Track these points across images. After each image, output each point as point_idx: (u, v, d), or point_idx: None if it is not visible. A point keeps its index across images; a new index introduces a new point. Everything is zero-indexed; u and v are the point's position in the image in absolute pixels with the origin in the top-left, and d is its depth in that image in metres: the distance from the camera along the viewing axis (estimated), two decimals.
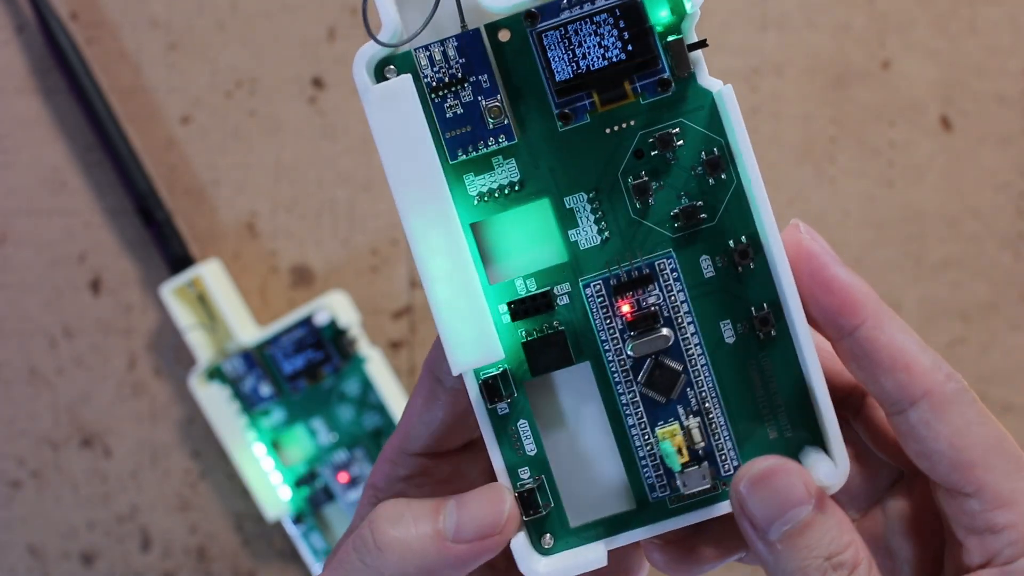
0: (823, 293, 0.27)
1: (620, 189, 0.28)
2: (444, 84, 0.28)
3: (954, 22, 0.51)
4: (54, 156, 0.53)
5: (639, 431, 0.28)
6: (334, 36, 0.52)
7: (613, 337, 0.28)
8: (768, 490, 0.26)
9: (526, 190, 0.28)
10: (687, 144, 0.28)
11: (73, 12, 0.52)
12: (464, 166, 0.28)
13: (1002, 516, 0.27)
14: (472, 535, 0.27)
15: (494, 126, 0.28)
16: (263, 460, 0.51)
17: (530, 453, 0.29)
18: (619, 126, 0.28)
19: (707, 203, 0.28)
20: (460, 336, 0.27)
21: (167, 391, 0.52)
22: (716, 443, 0.28)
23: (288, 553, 0.53)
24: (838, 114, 0.51)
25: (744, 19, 0.51)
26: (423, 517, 0.27)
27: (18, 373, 0.53)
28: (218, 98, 0.52)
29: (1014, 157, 0.51)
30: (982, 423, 0.27)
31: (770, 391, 0.28)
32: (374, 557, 0.27)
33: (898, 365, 0.27)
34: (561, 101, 0.28)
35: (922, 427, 0.27)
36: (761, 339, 0.28)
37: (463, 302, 0.27)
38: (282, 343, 0.50)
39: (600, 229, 0.28)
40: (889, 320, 0.27)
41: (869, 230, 0.51)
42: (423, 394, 0.30)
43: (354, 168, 0.52)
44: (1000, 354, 0.51)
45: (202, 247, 0.52)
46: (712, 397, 0.28)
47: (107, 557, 0.53)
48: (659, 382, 0.28)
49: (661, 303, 0.28)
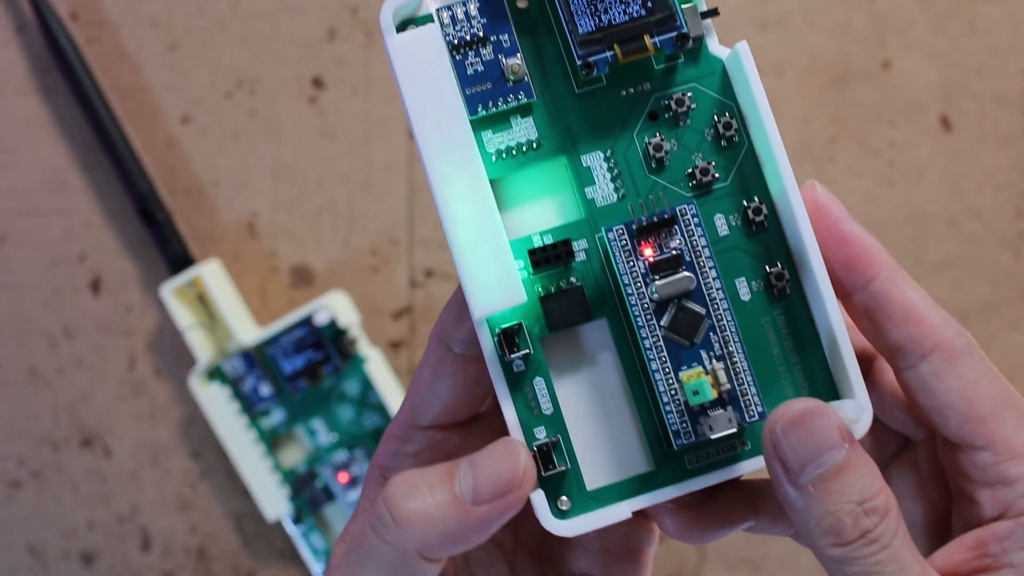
0: (838, 246, 0.28)
1: (635, 148, 0.29)
2: (465, 43, 0.28)
3: (954, 22, 0.51)
4: (54, 156, 0.53)
5: (663, 376, 0.28)
6: (334, 36, 0.52)
7: (635, 280, 0.28)
8: (804, 431, 0.26)
9: (543, 148, 0.29)
10: (700, 108, 0.29)
11: (73, 12, 0.52)
12: (483, 122, 0.29)
13: (1015, 467, 0.27)
14: (491, 494, 0.26)
15: (514, 83, 0.28)
16: (263, 460, 0.51)
17: (546, 412, 0.28)
18: (635, 88, 0.29)
19: (720, 164, 0.29)
20: (483, 279, 0.27)
21: (167, 391, 0.52)
22: (740, 389, 0.28)
23: (288, 553, 0.53)
24: (838, 114, 0.51)
25: (744, 19, 0.51)
26: (438, 484, 0.27)
27: (18, 373, 0.53)
28: (218, 98, 0.52)
29: (1014, 157, 0.51)
30: (992, 378, 0.27)
31: (785, 348, 0.29)
32: (395, 533, 0.26)
33: (911, 318, 0.27)
34: (583, 52, 0.28)
35: (934, 380, 0.27)
36: (776, 295, 0.29)
37: (486, 245, 0.27)
38: (282, 343, 0.50)
39: (616, 188, 0.29)
40: (901, 275, 0.28)
41: (869, 230, 0.51)
42: (431, 364, 0.29)
43: (354, 168, 0.52)
44: (1000, 354, 0.51)
45: (202, 247, 0.52)
46: (736, 342, 0.28)
47: (107, 557, 0.53)
48: (683, 326, 0.28)
49: (683, 247, 0.28)
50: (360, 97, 0.52)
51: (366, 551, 0.27)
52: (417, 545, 0.26)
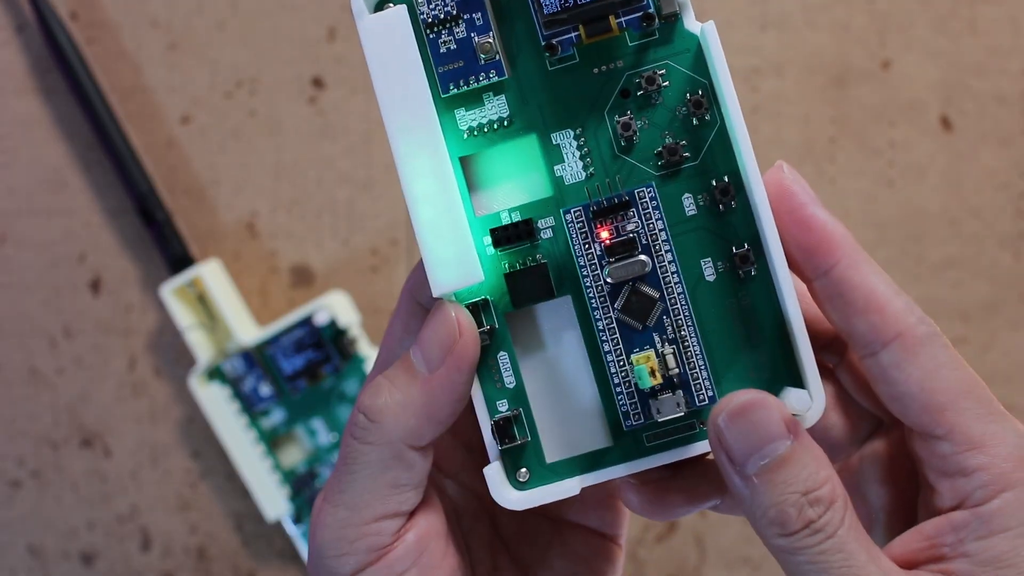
0: (800, 231, 0.28)
1: (606, 127, 0.29)
2: (439, 20, 0.28)
3: (954, 22, 0.51)
4: (54, 156, 0.53)
5: (615, 358, 0.28)
6: (334, 36, 0.52)
7: (591, 263, 0.28)
8: (746, 423, 0.26)
9: (514, 126, 0.29)
10: (672, 85, 0.29)
11: (73, 12, 0.52)
12: (455, 100, 0.29)
13: (972, 458, 0.27)
14: (440, 354, 0.28)
15: (486, 61, 0.28)
16: (263, 460, 0.51)
17: (509, 385, 0.29)
18: (607, 66, 0.29)
19: (690, 143, 0.29)
20: (442, 257, 0.27)
21: (167, 391, 0.52)
22: (691, 373, 0.28)
23: (288, 553, 0.53)
24: (838, 114, 0.51)
25: (744, 19, 0.51)
26: (397, 374, 0.28)
27: (18, 373, 0.53)
28: (218, 98, 0.52)
29: (1014, 157, 0.51)
30: (953, 367, 0.27)
31: (750, 329, 0.29)
32: (374, 431, 0.28)
33: (871, 307, 0.27)
34: (548, 33, 0.28)
35: (893, 369, 0.27)
36: (741, 277, 0.29)
37: (446, 224, 0.27)
38: (282, 343, 0.50)
39: (585, 165, 0.29)
40: (864, 262, 0.28)
41: (869, 230, 0.51)
42: (402, 318, 0.30)
43: (354, 168, 0.52)
44: (1000, 354, 0.51)
45: (202, 247, 0.52)
46: (688, 326, 0.28)
47: (107, 557, 0.53)
48: (635, 309, 0.28)
49: (640, 230, 0.28)
50: (360, 97, 0.52)
51: (353, 459, 0.28)
52: (400, 433, 0.27)
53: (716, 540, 0.52)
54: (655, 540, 0.52)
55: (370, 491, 0.28)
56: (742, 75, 0.51)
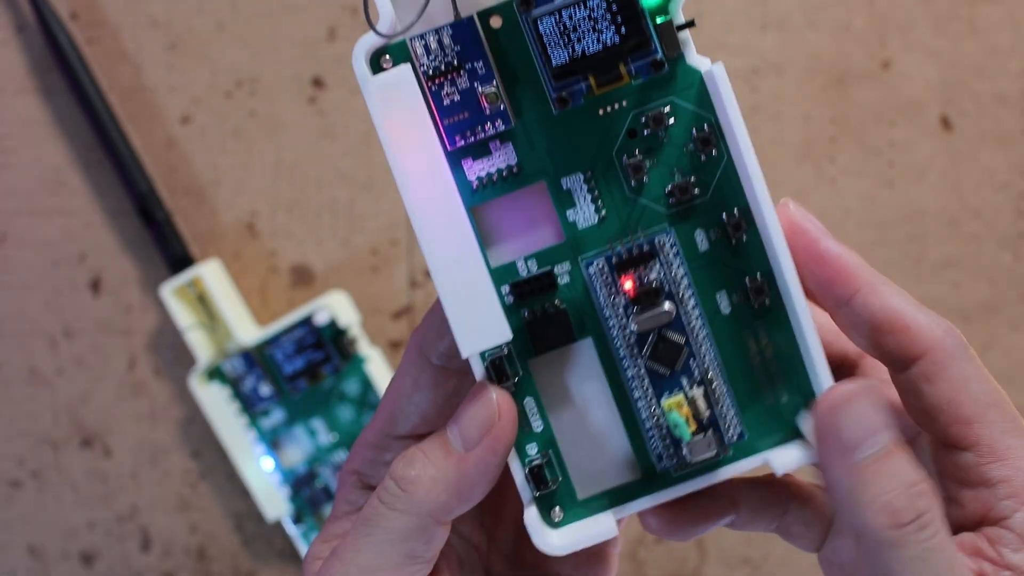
0: (817, 265, 0.28)
1: (615, 168, 0.29)
2: (440, 72, 0.28)
3: (954, 22, 0.51)
4: (54, 156, 0.53)
5: (645, 403, 0.29)
6: (334, 36, 0.52)
7: (617, 313, 0.28)
8: (859, 408, 0.26)
9: (524, 173, 0.29)
10: (678, 122, 0.28)
11: (73, 12, 0.52)
12: (463, 152, 0.28)
13: (996, 470, 0.27)
14: (478, 435, 0.28)
15: (491, 112, 0.28)
16: (263, 460, 0.51)
17: (537, 430, 0.29)
18: (612, 107, 0.28)
19: (699, 179, 0.28)
20: (468, 320, 0.27)
21: (167, 391, 0.52)
22: (719, 411, 0.28)
23: (288, 553, 0.53)
24: (838, 114, 0.51)
25: (744, 19, 0.51)
26: (433, 448, 0.28)
27: (18, 373, 0.53)
28: (218, 98, 0.52)
29: (1014, 157, 0.51)
30: (980, 380, 0.28)
31: (766, 358, 0.29)
32: (403, 500, 0.28)
33: (897, 326, 0.28)
34: (558, 85, 0.28)
35: (923, 383, 0.28)
36: (756, 308, 0.29)
37: (470, 287, 0.27)
38: (282, 343, 0.50)
39: (597, 208, 0.29)
40: (883, 285, 0.28)
41: (869, 230, 0.51)
42: (410, 374, 0.30)
43: (354, 168, 0.52)
44: (1000, 354, 0.51)
45: (202, 247, 0.52)
46: (714, 367, 0.28)
47: (107, 557, 0.53)
48: (663, 355, 0.28)
49: (662, 278, 0.28)
50: (360, 97, 0.52)
51: (376, 522, 0.28)
52: (428, 506, 0.28)
53: (716, 540, 0.52)
54: (655, 540, 0.52)
55: (386, 557, 0.28)
56: (742, 75, 0.51)
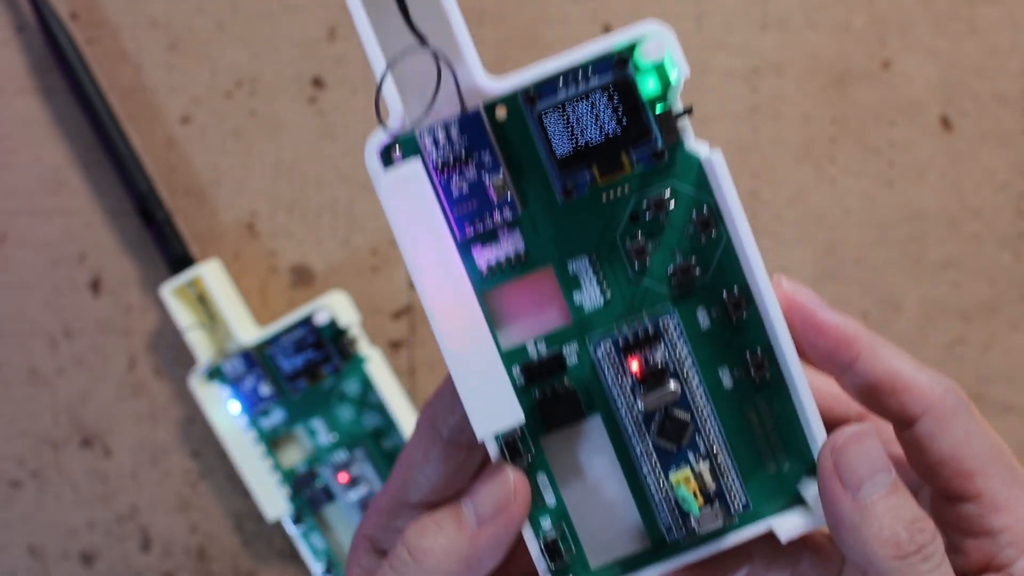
0: (817, 336, 0.30)
1: (619, 252, 0.30)
2: (449, 163, 0.29)
3: (954, 22, 0.51)
4: (54, 156, 0.53)
5: (654, 478, 0.30)
6: (334, 36, 0.52)
7: (625, 394, 0.30)
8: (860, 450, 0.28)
9: (531, 258, 0.30)
10: (678, 205, 0.30)
11: (73, 12, 0.52)
12: (472, 239, 0.30)
13: (999, 520, 0.28)
14: (492, 513, 0.29)
15: (498, 201, 0.29)
16: (263, 460, 0.51)
17: (550, 504, 0.30)
18: (614, 193, 0.30)
19: (700, 259, 0.30)
20: (482, 404, 0.28)
21: (167, 391, 0.52)
22: (725, 483, 0.30)
23: (288, 553, 0.53)
24: (838, 114, 0.51)
25: (744, 19, 0.51)
26: (446, 520, 0.29)
27: (18, 373, 0.53)
28: (218, 98, 0.52)
29: (1014, 157, 0.51)
30: (981, 434, 0.29)
31: (767, 429, 0.30)
32: (416, 569, 0.29)
33: (899, 387, 0.29)
34: (563, 176, 0.29)
35: (927, 440, 0.29)
36: (757, 382, 0.30)
37: (483, 372, 0.28)
38: (282, 343, 0.50)
39: (602, 290, 0.30)
40: (882, 348, 0.30)
41: (869, 230, 0.51)
42: (421, 447, 0.31)
43: (354, 168, 0.52)
44: (1000, 354, 0.51)
45: (202, 247, 0.52)
46: (719, 442, 0.30)
47: (107, 557, 0.53)
48: (670, 432, 0.30)
49: (667, 359, 0.29)
50: (360, 97, 0.52)
51: None
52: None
53: None
54: None
55: None
56: (742, 75, 0.51)
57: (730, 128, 0.51)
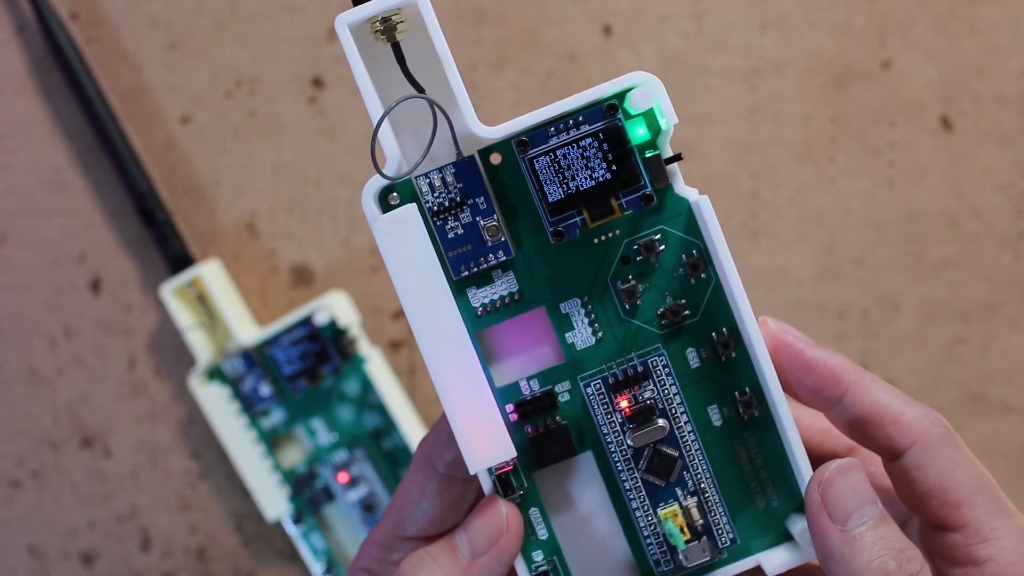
0: (804, 374, 0.30)
1: (611, 293, 0.31)
2: (444, 208, 0.30)
3: (954, 22, 0.51)
4: (54, 156, 0.53)
5: (643, 513, 0.31)
6: (334, 36, 0.52)
7: (614, 430, 0.30)
8: (847, 484, 0.28)
9: (524, 299, 0.31)
10: (668, 248, 0.30)
11: (73, 12, 0.52)
12: (467, 281, 0.30)
13: (984, 550, 0.29)
14: (485, 545, 0.30)
15: (492, 243, 0.30)
16: (263, 460, 0.51)
17: (542, 537, 0.31)
18: (606, 236, 0.30)
19: (690, 301, 0.30)
20: (475, 440, 0.29)
21: (167, 391, 0.52)
22: (713, 519, 0.31)
23: (288, 553, 0.53)
24: (838, 114, 0.51)
25: (744, 19, 0.51)
26: (441, 552, 0.30)
27: (18, 373, 0.53)
28: (218, 98, 0.52)
29: (1014, 157, 0.51)
30: (967, 466, 0.30)
31: (756, 466, 0.31)
32: None
33: (886, 420, 0.30)
34: (554, 220, 0.30)
35: (914, 471, 0.30)
36: (745, 420, 0.31)
37: (476, 409, 0.29)
38: (282, 343, 0.50)
39: (594, 331, 0.31)
40: (870, 382, 0.30)
41: (869, 230, 0.51)
42: (418, 482, 0.32)
43: (354, 168, 0.52)
44: (1000, 354, 0.51)
45: (202, 247, 0.52)
46: (707, 478, 0.31)
47: (107, 557, 0.53)
48: (658, 468, 0.30)
49: (656, 396, 0.30)
50: (360, 97, 0.52)
51: None
52: None
53: None
54: None
55: None
56: (742, 75, 0.51)
57: (730, 128, 0.51)
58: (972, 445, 0.50)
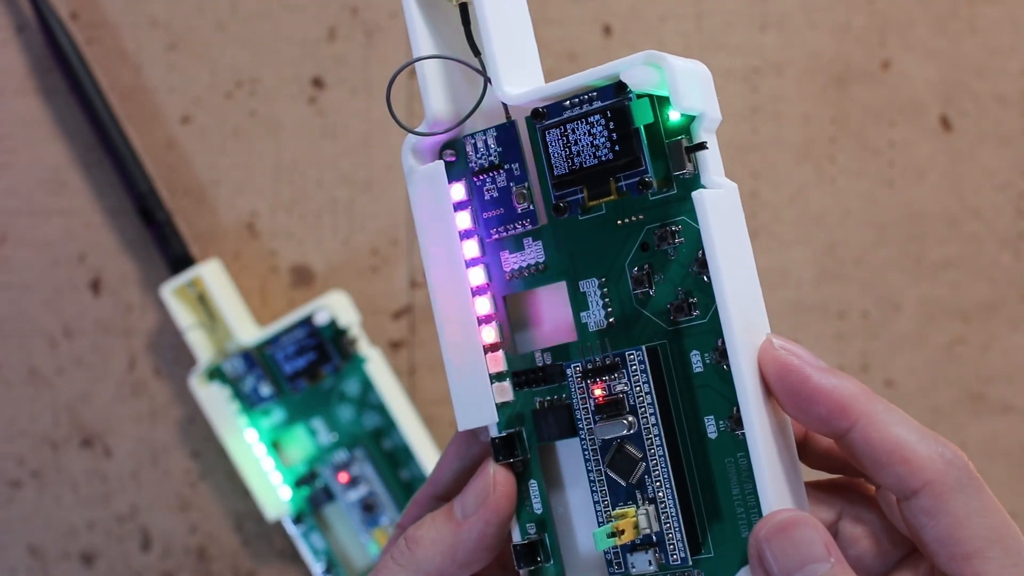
0: (809, 404, 0.27)
1: (626, 279, 0.29)
2: (484, 169, 0.30)
3: (954, 22, 0.51)
4: (54, 156, 0.53)
5: (601, 508, 0.30)
6: (334, 36, 0.52)
7: (587, 417, 0.29)
8: (788, 541, 0.26)
9: (549, 271, 0.30)
10: (687, 242, 0.28)
11: (73, 12, 0.52)
12: (500, 243, 0.31)
13: None
14: (474, 506, 0.30)
15: (521, 211, 0.30)
16: (263, 460, 0.51)
17: (537, 512, 0.31)
18: (629, 219, 0.29)
19: (700, 300, 0.28)
20: (464, 400, 0.30)
21: (167, 391, 0.52)
22: (667, 534, 0.29)
23: (288, 553, 0.53)
24: (838, 114, 0.51)
25: (744, 19, 0.51)
26: (440, 513, 0.31)
27: (18, 373, 0.53)
28: (218, 98, 0.52)
29: (1014, 157, 0.51)
30: (983, 514, 0.27)
31: (744, 489, 0.28)
32: (408, 557, 0.31)
33: (895, 459, 0.27)
34: (558, 194, 0.30)
35: (923, 516, 0.27)
36: (740, 439, 0.28)
37: (468, 369, 0.30)
38: (282, 343, 0.50)
39: (607, 315, 0.30)
40: (881, 413, 0.27)
41: (869, 230, 0.51)
42: (456, 444, 0.33)
43: (354, 168, 0.52)
44: (1000, 354, 0.51)
45: (202, 247, 0.52)
46: (667, 488, 0.28)
47: (107, 557, 0.53)
48: (620, 466, 0.29)
49: (628, 391, 0.29)
50: (360, 97, 0.52)
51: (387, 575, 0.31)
52: (426, 566, 0.30)
53: None
54: None
55: None
56: (742, 75, 0.51)
57: (730, 128, 0.51)
58: (972, 445, 0.50)
